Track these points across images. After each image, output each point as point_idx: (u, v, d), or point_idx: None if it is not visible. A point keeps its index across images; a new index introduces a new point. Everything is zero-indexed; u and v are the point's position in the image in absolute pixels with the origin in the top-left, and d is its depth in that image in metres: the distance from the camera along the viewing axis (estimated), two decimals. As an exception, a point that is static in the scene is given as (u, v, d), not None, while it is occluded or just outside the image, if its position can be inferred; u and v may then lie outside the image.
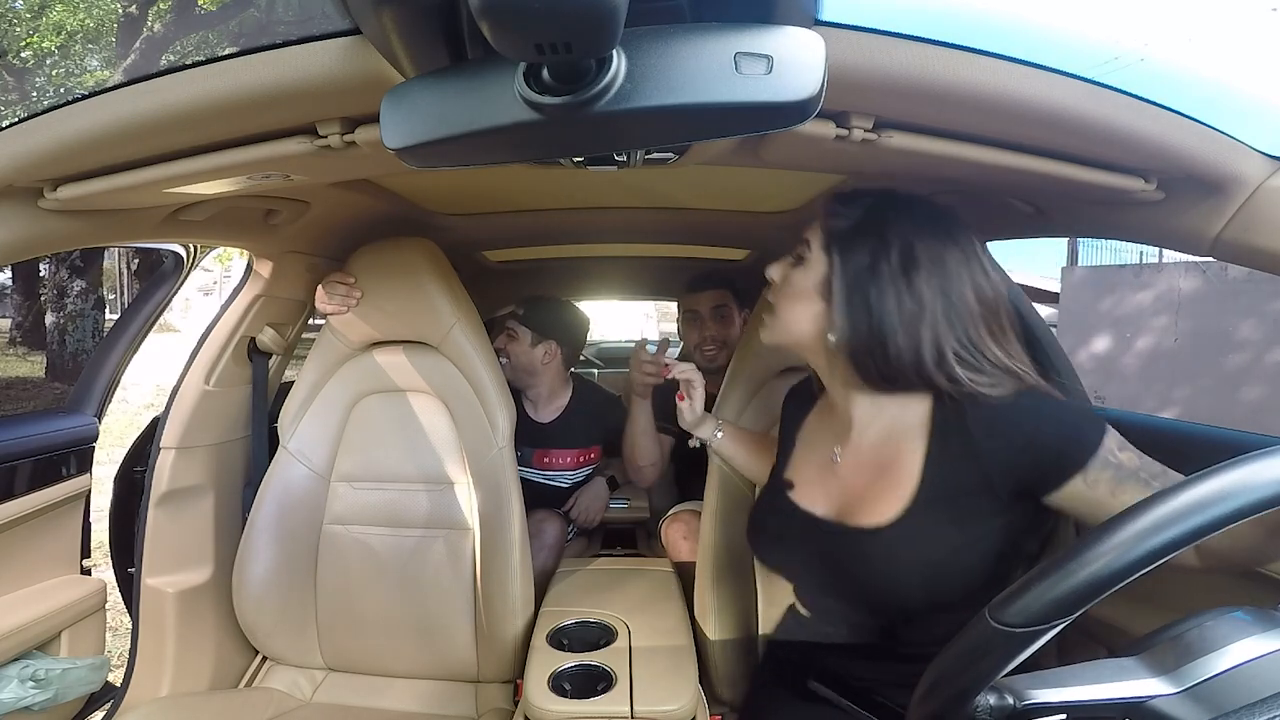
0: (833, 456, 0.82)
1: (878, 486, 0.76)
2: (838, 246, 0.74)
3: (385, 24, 0.42)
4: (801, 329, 0.78)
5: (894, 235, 0.72)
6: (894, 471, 0.75)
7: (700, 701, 1.00)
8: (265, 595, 1.23)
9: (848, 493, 0.79)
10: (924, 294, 0.70)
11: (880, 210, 0.75)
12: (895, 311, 0.70)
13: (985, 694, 0.46)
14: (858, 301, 0.72)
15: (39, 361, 6.98)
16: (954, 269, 0.71)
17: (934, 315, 0.70)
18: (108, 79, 0.54)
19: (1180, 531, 0.40)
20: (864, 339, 0.72)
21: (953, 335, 0.70)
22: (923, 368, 0.70)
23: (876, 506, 0.74)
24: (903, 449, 0.75)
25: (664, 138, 0.44)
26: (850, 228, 0.75)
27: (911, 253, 0.71)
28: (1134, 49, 0.58)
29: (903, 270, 0.71)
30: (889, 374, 0.72)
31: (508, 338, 1.67)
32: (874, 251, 0.72)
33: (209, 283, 18.79)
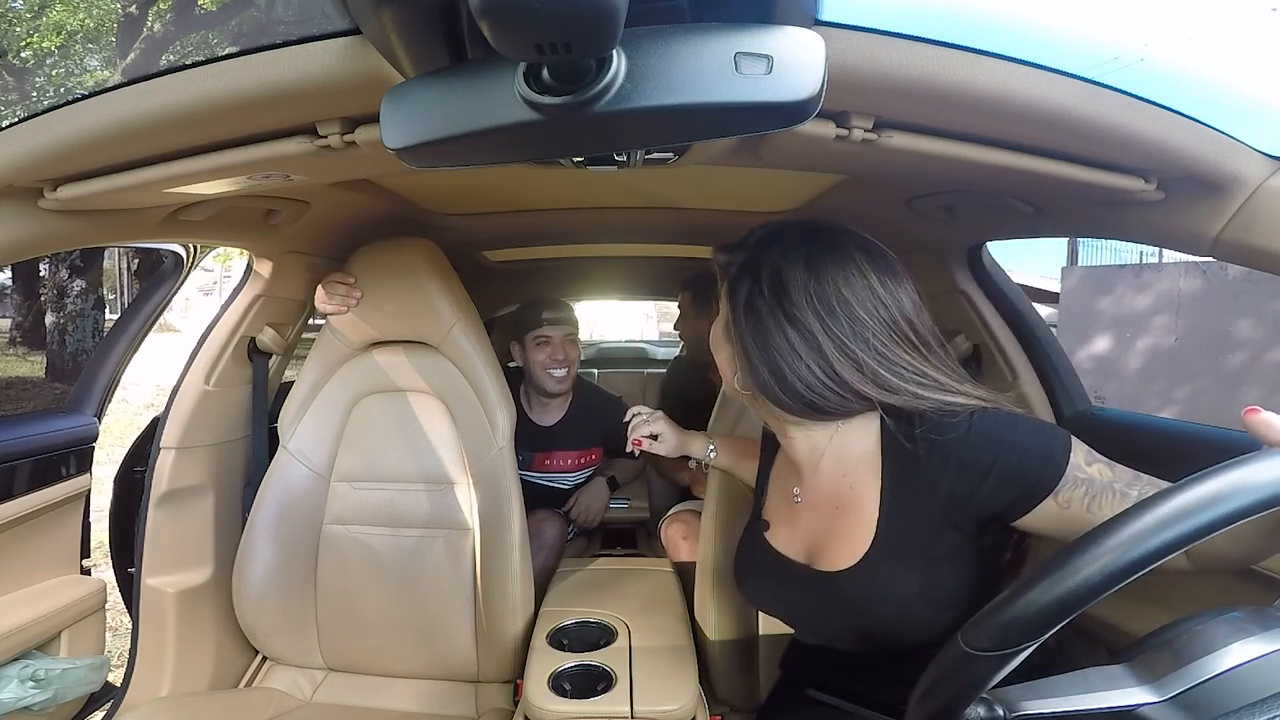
0: (794, 497, 0.82)
1: (838, 528, 0.75)
2: (730, 290, 0.75)
3: (385, 24, 0.42)
4: (726, 374, 0.79)
5: (764, 268, 0.71)
6: (852, 511, 0.74)
7: (700, 701, 1.00)
8: (265, 595, 1.23)
9: (812, 534, 0.78)
10: (805, 320, 0.68)
11: (756, 246, 0.74)
12: (783, 342, 0.69)
13: (975, 706, 0.46)
14: (747, 340, 0.72)
15: (39, 361, 6.98)
16: (831, 289, 0.68)
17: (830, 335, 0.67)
18: (108, 79, 0.54)
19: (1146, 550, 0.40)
20: (763, 375, 0.70)
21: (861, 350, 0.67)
22: (845, 384, 0.68)
23: (839, 549, 0.73)
24: (857, 486, 0.74)
25: (664, 138, 0.44)
26: (735, 271, 0.75)
27: (779, 281, 0.70)
28: (1134, 49, 0.58)
29: (777, 301, 0.69)
30: (808, 402, 0.70)
31: (570, 345, 1.68)
32: (749, 288, 0.72)
33: (209, 283, 18.78)
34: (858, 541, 0.71)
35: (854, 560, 0.71)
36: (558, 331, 1.65)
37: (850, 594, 0.71)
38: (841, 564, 0.72)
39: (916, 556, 0.69)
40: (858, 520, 0.72)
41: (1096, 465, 0.64)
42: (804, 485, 0.80)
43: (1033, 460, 0.63)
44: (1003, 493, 0.65)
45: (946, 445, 0.66)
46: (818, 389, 0.68)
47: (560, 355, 1.65)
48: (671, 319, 2.51)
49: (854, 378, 0.67)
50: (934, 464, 0.67)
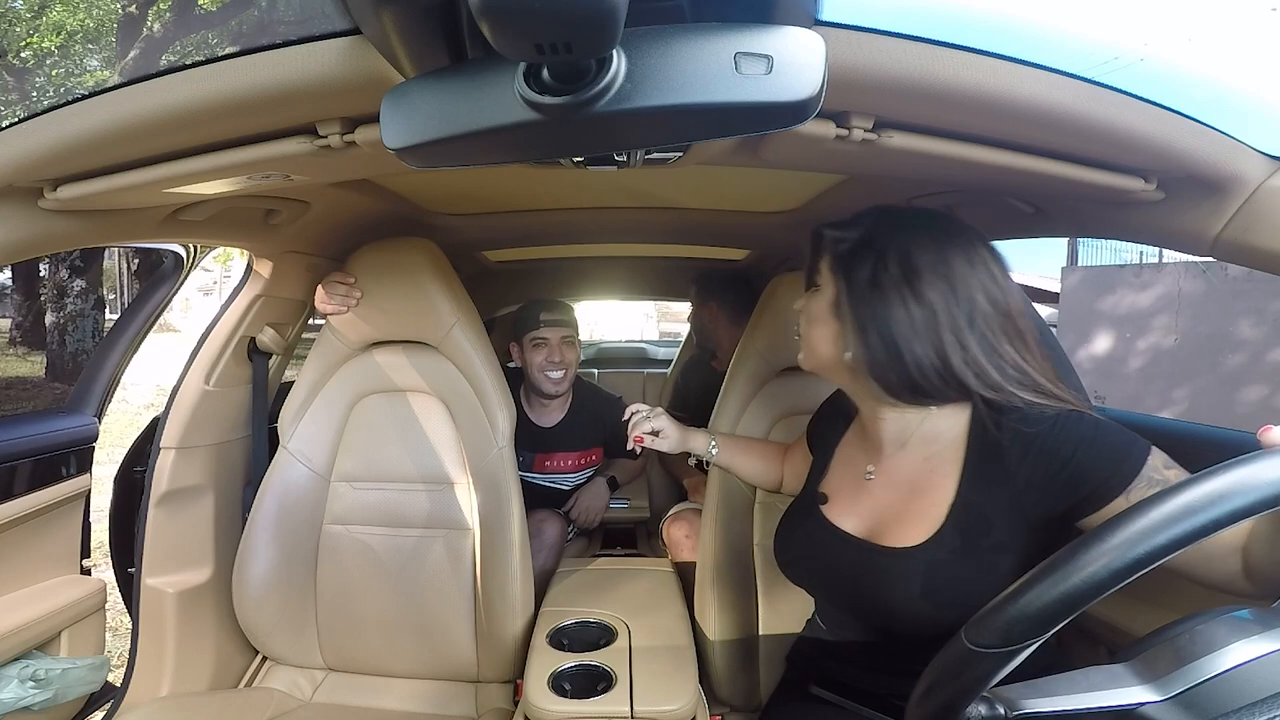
0: (866, 474, 0.83)
1: (910, 507, 0.76)
2: (841, 267, 0.76)
3: (385, 24, 0.42)
4: (823, 351, 0.79)
5: (890, 246, 0.73)
6: (927, 493, 0.75)
7: (700, 701, 1.00)
8: (265, 595, 1.23)
9: (879, 511, 0.79)
10: (931, 299, 0.70)
11: (876, 225, 0.76)
12: (905, 320, 0.70)
13: (976, 704, 0.46)
14: (866, 316, 0.72)
15: (39, 361, 6.97)
16: (959, 272, 0.71)
17: (950, 318, 0.70)
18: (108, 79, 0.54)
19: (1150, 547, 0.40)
20: (879, 353, 0.72)
21: (972, 338, 0.70)
22: (950, 371, 0.70)
23: (906, 528, 0.74)
24: (939, 469, 0.75)
25: (664, 138, 0.44)
26: (850, 248, 0.76)
27: (909, 260, 0.71)
28: (1134, 49, 0.58)
29: (904, 279, 0.71)
30: (913, 384, 0.72)
31: (568, 347, 1.67)
32: (874, 265, 0.73)
33: (209, 283, 18.78)
34: (929, 522, 0.72)
35: (920, 539, 0.72)
36: (555, 333, 1.65)
37: (905, 572, 0.71)
38: (906, 541, 0.73)
39: (984, 542, 0.70)
40: (932, 501, 0.74)
41: (1174, 470, 0.65)
42: (881, 464, 0.81)
43: (1109, 457, 0.65)
44: (1077, 487, 0.66)
45: (1031, 437, 0.68)
46: (927, 371, 0.70)
47: (557, 358, 1.64)
48: (671, 319, 2.52)
49: (959, 365, 0.69)
50: (1015, 454, 0.69)
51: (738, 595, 1.18)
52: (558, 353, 1.64)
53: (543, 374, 1.65)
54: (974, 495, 0.72)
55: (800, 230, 1.43)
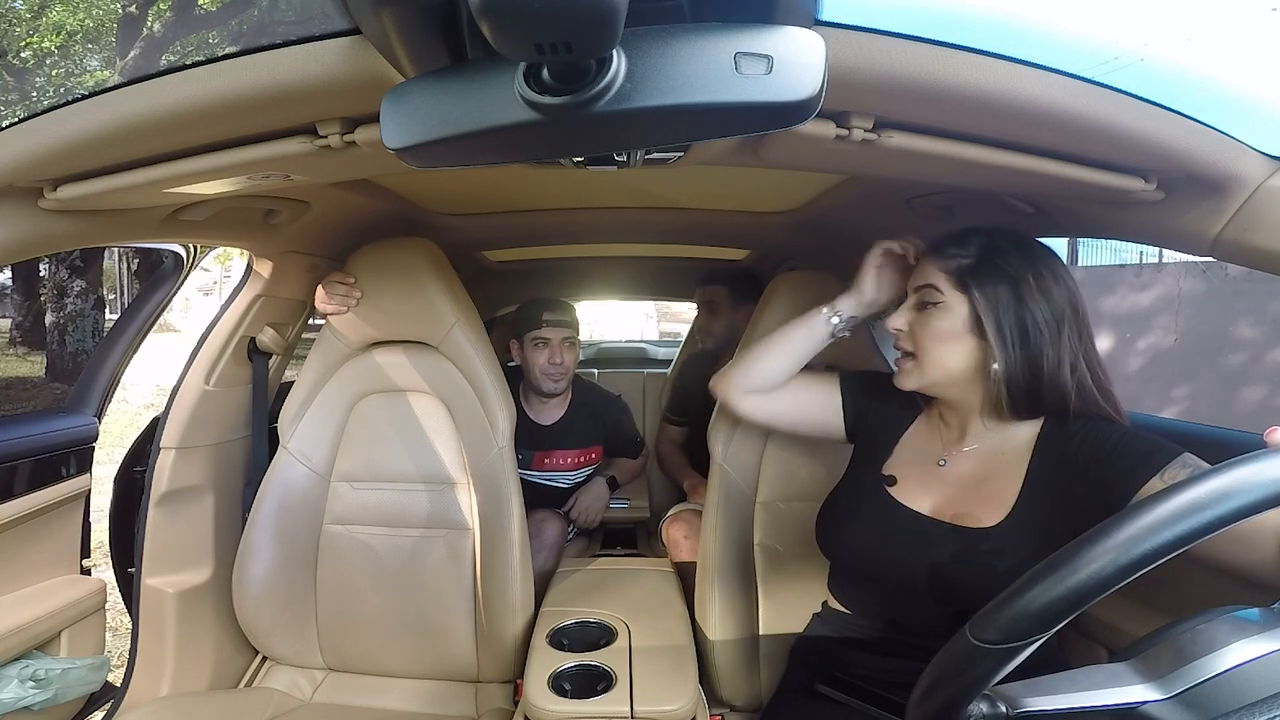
0: (939, 461, 0.87)
1: (979, 493, 0.81)
2: (973, 282, 0.78)
3: (385, 24, 0.42)
4: (956, 367, 0.81)
5: (1020, 261, 0.77)
6: (995, 481, 0.81)
7: (700, 701, 1.00)
8: (265, 595, 1.23)
9: (951, 495, 0.84)
10: (1063, 311, 0.76)
11: (995, 242, 0.80)
12: (1044, 333, 0.76)
13: (977, 702, 0.46)
14: (1011, 329, 0.76)
15: (39, 361, 6.97)
16: (1068, 287, 0.77)
17: (1069, 332, 0.76)
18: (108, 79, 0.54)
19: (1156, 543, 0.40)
20: (1020, 365, 0.76)
21: (1081, 348, 0.77)
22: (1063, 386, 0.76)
23: (979, 511, 0.80)
24: (1007, 462, 0.81)
25: (664, 138, 0.44)
26: (977, 262, 0.79)
27: (1040, 274, 0.77)
28: (1134, 49, 0.58)
29: (1041, 291, 0.76)
30: (1036, 398, 0.77)
31: (568, 348, 1.67)
32: (1011, 278, 0.77)
33: (209, 283, 18.78)
34: (1001, 507, 0.78)
35: (993, 521, 0.78)
36: (556, 334, 1.65)
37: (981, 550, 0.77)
38: (980, 522, 0.79)
39: (1044, 528, 0.75)
40: (1002, 488, 0.80)
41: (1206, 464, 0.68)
42: (955, 454, 0.86)
43: (1147, 444, 0.71)
44: (1115, 467, 0.71)
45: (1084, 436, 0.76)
46: (1050, 388, 0.76)
47: (558, 359, 1.64)
48: (671, 319, 2.51)
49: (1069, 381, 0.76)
50: (1074, 452, 0.76)
51: (738, 595, 1.18)
52: (558, 353, 1.64)
53: (542, 374, 1.65)
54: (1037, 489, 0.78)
55: (800, 230, 1.44)
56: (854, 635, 0.90)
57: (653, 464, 2.12)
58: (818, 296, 1.21)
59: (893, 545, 0.84)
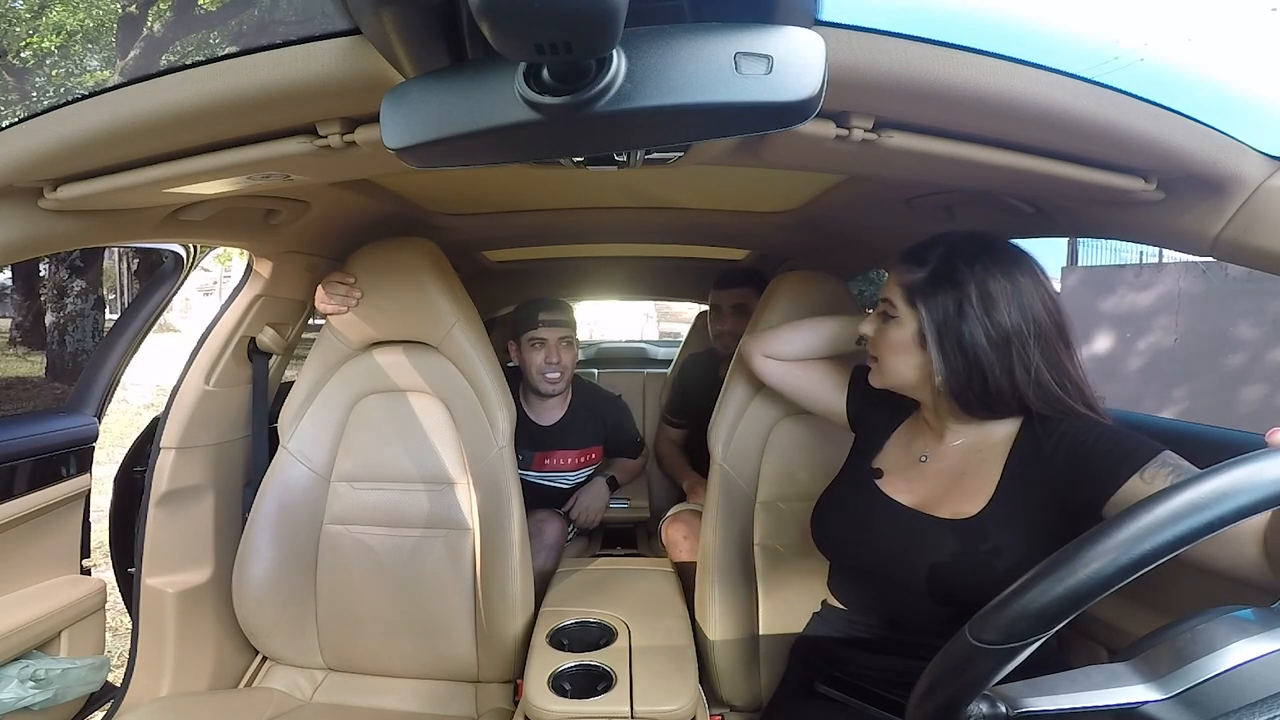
0: (920, 457, 0.91)
1: (960, 486, 0.84)
2: (920, 299, 0.81)
3: (385, 24, 0.42)
4: (906, 376, 0.86)
5: (967, 278, 0.78)
6: (973, 476, 0.83)
7: (700, 701, 1.00)
8: (265, 595, 1.23)
9: (931, 489, 0.87)
10: (1007, 325, 0.76)
11: (949, 257, 0.81)
12: (987, 347, 0.77)
13: (977, 702, 0.46)
14: (952, 345, 0.79)
15: (39, 361, 6.97)
16: (1028, 296, 0.77)
17: (1021, 342, 0.76)
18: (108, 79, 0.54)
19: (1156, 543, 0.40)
20: (963, 377, 0.79)
21: (1041, 358, 0.77)
22: (1018, 391, 0.77)
23: (956, 503, 0.82)
24: (988, 459, 0.83)
25: (664, 138, 0.44)
26: (925, 280, 0.81)
27: (987, 289, 0.77)
28: (1134, 49, 0.58)
29: (984, 308, 0.77)
30: (989, 403, 0.80)
31: (565, 348, 1.66)
32: (955, 297, 0.78)
33: (209, 283, 18.78)
34: (978, 499, 0.81)
35: (969, 513, 0.80)
36: (553, 333, 1.64)
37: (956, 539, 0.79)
38: (955, 514, 0.81)
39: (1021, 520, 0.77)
40: (981, 483, 0.82)
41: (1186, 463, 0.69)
42: (936, 450, 0.89)
43: (1128, 441, 0.72)
44: (1096, 465, 0.72)
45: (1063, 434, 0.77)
46: (999, 391, 0.78)
47: (554, 358, 1.64)
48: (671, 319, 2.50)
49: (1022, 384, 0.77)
50: (1052, 450, 0.77)
51: (738, 595, 1.18)
52: (555, 353, 1.64)
53: (540, 374, 1.65)
54: (1016, 483, 0.80)
55: (800, 230, 1.44)
56: (853, 634, 0.91)
57: (652, 464, 2.12)
58: (818, 296, 1.21)
59: (875, 535, 0.87)
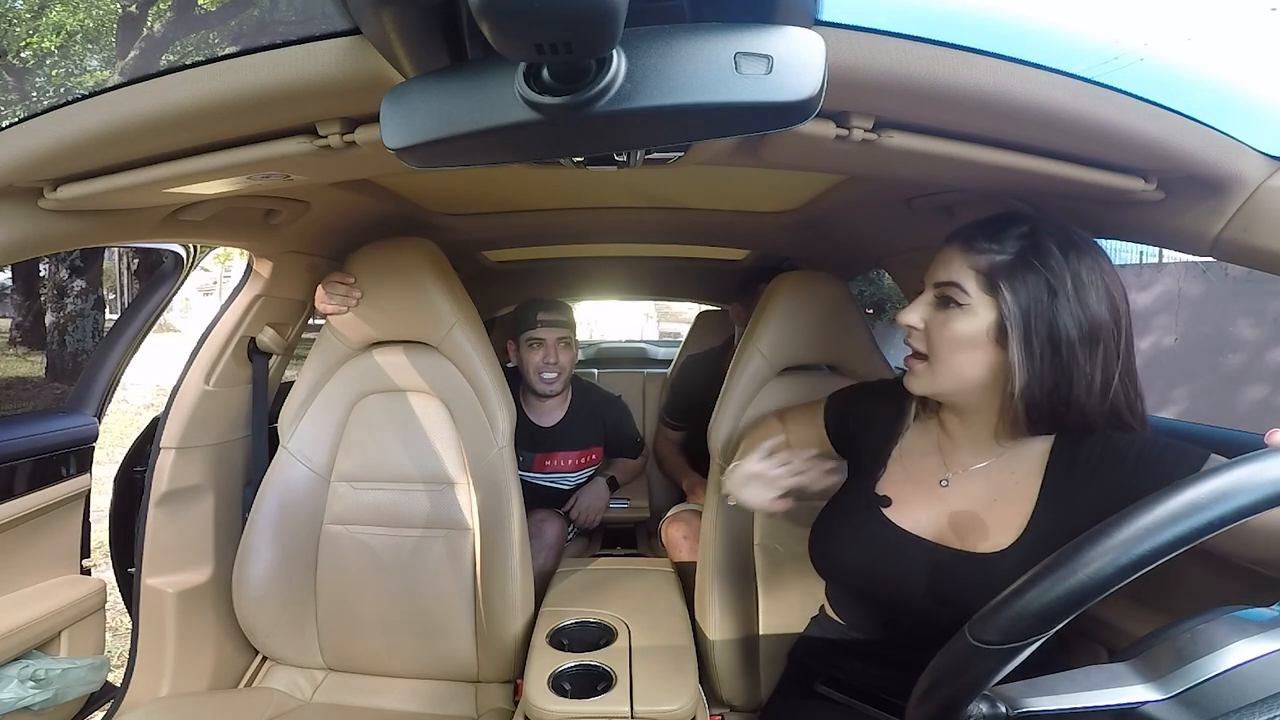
0: (941, 482, 0.80)
1: (987, 516, 0.75)
2: (1006, 283, 0.68)
3: (385, 24, 0.42)
4: (971, 378, 0.73)
5: (1061, 261, 0.67)
6: (1005, 504, 0.74)
7: (700, 701, 1.00)
8: (265, 595, 1.23)
9: (954, 518, 0.77)
10: (1100, 318, 0.67)
11: (1037, 237, 0.69)
12: (1078, 344, 0.66)
13: (977, 702, 0.46)
14: (1042, 341, 0.67)
15: (39, 361, 6.97)
16: (1114, 288, 0.68)
17: (1108, 341, 0.67)
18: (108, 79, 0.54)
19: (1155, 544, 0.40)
20: (1049, 381, 0.67)
21: (1120, 362, 0.68)
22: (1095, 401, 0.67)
23: (988, 535, 0.73)
24: (1022, 482, 0.74)
25: (664, 138, 0.44)
26: (1012, 262, 0.69)
27: (1080, 276, 0.67)
28: (1134, 49, 0.58)
29: (1079, 297, 0.66)
30: (1061, 415, 0.69)
31: (564, 348, 1.65)
32: (1049, 282, 0.67)
33: (209, 283, 18.78)
34: (1011, 529, 0.72)
35: (1004, 545, 0.71)
36: (551, 334, 1.64)
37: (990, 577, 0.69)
38: (987, 549, 0.73)
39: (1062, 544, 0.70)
40: (1014, 511, 0.73)
41: None
42: (960, 473, 0.79)
43: (1172, 451, 0.66)
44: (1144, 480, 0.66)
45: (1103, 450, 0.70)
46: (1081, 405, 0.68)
47: (552, 359, 1.64)
48: (671, 319, 2.50)
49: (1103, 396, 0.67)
50: (1092, 468, 0.70)
51: (738, 595, 1.18)
52: (553, 354, 1.64)
53: (538, 375, 1.65)
54: (1054, 504, 0.72)
55: (800, 230, 1.44)
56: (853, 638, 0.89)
57: (652, 464, 2.12)
58: (818, 296, 1.21)
59: (894, 570, 0.78)
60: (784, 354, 1.22)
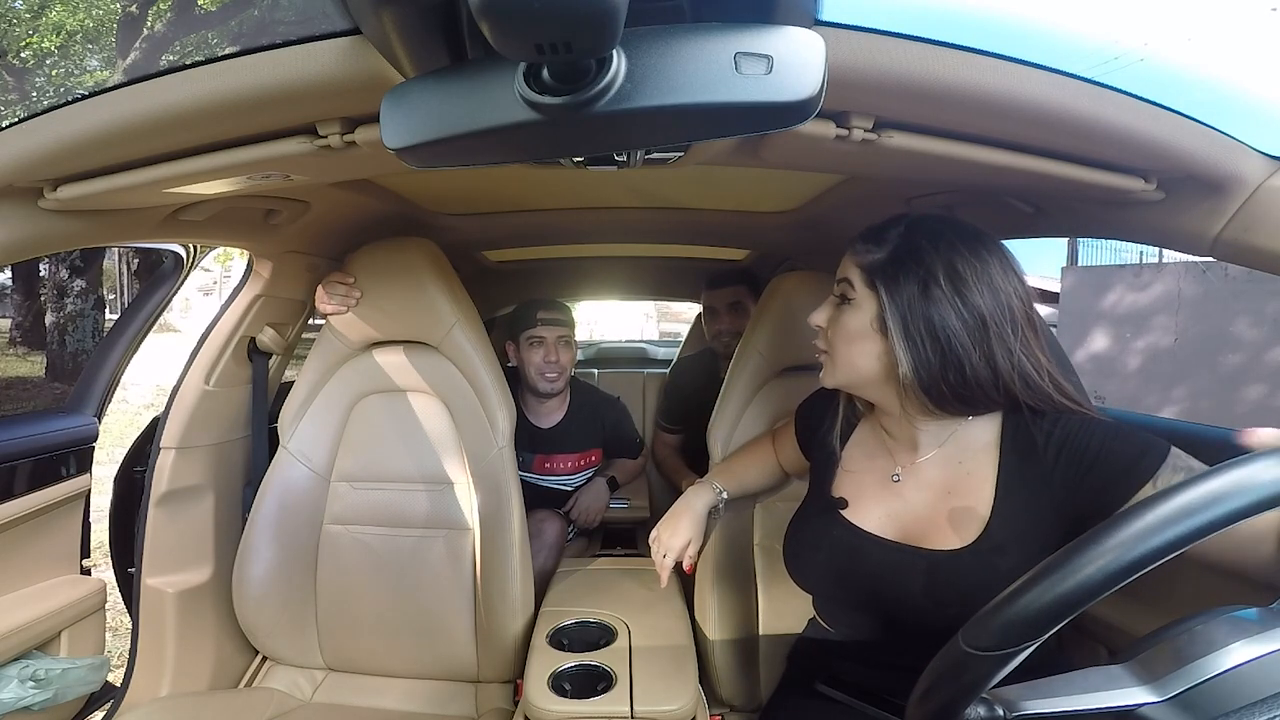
0: (893, 477, 0.82)
1: (947, 509, 0.76)
2: (881, 280, 0.73)
3: (385, 24, 0.42)
4: (865, 368, 0.76)
5: (933, 256, 0.71)
6: (966, 495, 0.75)
7: (700, 701, 1.00)
8: (265, 595, 1.23)
9: (915, 515, 0.78)
10: (981, 306, 0.69)
11: (911, 236, 0.74)
12: (960, 330, 0.69)
13: (975, 705, 0.46)
14: (920, 329, 0.70)
15: (39, 361, 6.97)
16: (997, 279, 0.71)
17: (996, 326, 0.69)
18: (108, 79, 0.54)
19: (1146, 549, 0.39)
20: (935, 366, 0.70)
21: (1016, 344, 0.70)
22: (1000, 380, 0.70)
23: (949, 530, 0.74)
24: (975, 473, 0.75)
25: (664, 138, 0.44)
26: (887, 259, 0.73)
27: (955, 269, 0.70)
28: (1134, 49, 0.58)
29: (954, 289, 0.69)
30: (966, 396, 0.71)
31: (564, 347, 1.65)
32: (921, 277, 0.70)
33: (209, 283, 18.79)
34: (973, 524, 0.73)
35: (967, 541, 0.72)
36: (551, 333, 1.64)
37: (953, 574, 0.71)
38: (951, 543, 0.73)
39: (1025, 544, 0.70)
40: (972, 504, 0.74)
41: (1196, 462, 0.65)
42: (911, 467, 0.80)
43: (1135, 447, 0.67)
44: (1104, 474, 0.67)
45: (1062, 440, 0.71)
46: (982, 381, 0.70)
47: (553, 357, 1.64)
48: (671, 319, 2.50)
49: (1007, 373, 0.70)
50: (1050, 455, 0.71)
51: (738, 595, 1.18)
52: (554, 352, 1.64)
53: (539, 374, 1.65)
54: (1012, 496, 0.72)
55: (800, 230, 1.44)
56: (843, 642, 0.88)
57: (652, 465, 2.12)
58: (818, 296, 1.21)
59: (858, 571, 0.79)
60: (783, 354, 1.22)
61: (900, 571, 0.75)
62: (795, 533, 0.89)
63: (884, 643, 0.82)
